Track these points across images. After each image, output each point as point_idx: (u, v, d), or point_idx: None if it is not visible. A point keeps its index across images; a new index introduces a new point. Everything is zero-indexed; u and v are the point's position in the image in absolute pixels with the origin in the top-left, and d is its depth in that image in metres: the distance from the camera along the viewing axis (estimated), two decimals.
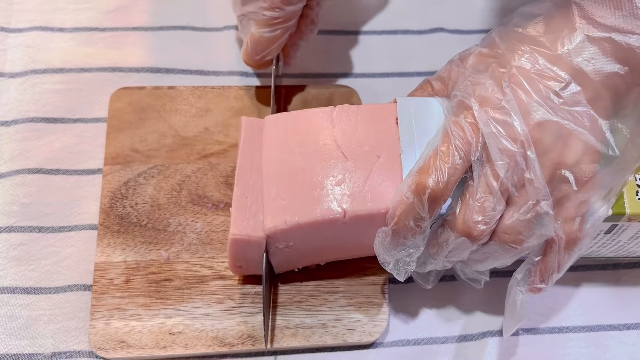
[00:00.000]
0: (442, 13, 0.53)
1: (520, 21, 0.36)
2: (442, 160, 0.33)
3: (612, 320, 0.43)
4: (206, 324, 0.40)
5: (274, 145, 0.39)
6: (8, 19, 0.50)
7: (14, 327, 0.40)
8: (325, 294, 0.42)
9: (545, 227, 0.34)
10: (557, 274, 0.36)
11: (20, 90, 0.47)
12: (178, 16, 0.52)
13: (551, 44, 0.34)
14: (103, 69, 0.49)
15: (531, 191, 0.33)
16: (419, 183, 0.33)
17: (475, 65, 0.36)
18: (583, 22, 0.34)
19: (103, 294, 0.41)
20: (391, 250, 0.35)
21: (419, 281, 0.40)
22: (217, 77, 0.50)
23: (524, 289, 0.37)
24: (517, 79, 0.34)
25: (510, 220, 0.34)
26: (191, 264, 0.42)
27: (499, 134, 0.33)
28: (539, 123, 0.33)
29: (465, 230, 0.34)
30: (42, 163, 0.45)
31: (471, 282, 0.40)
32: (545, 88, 0.33)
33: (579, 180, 0.34)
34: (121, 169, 0.44)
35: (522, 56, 0.34)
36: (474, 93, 0.34)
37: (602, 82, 0.33)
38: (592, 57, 0.33)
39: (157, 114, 0.46)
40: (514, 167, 0.33)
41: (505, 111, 0.33)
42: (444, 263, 0.37)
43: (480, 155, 0.33)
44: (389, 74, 0.51)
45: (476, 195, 0.33)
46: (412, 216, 0.34)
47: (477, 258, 0.36)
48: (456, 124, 0.34)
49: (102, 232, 0.42)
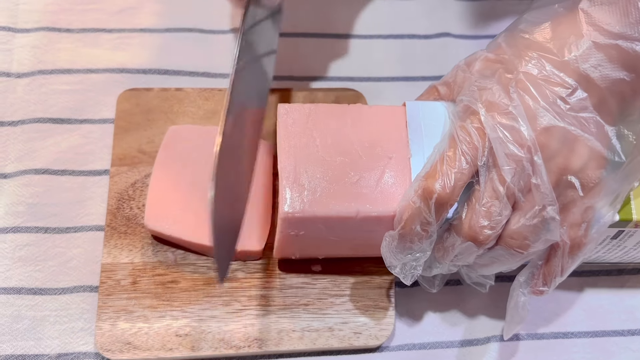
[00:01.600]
0: (448, 18, 0.54)
1: (526, 27, 0.36)
2: (449, 165, 0.33)
3: (617, 326, 0.43)
4: (213, 326, 0.40)
5: (295, 133, 0.39)
6: (15, 20, 0.50)
7: (19, 328, 0.40)
8: (332, 297, 0.42)
9: (552, 233, 0.34)
10: (560, 278, 0.36)
11: (27, 90, 0.47)
12: (185, 18, 0.52)
13: (558, 50, 0.34)
14: (110, 70, 0.49)
15: (538, 196, 0.33)
16: (425, 188, 0.34)
17: (481, 71, 0.36)
18: (590, 29, 0.34)
19: (110, 295, 0.40)
20: (398, 254, 0.35)
21: (425, 285, 0.40)
22: (224, 80, 0.50)
23: (527, 291, 0.37)
24: (524, 85, 0.34)
25: (516, 225, 0.34)
26: (198, 266, 0.42)
27: (505, 139, 0.33)
28: (545, 128, 0.33)
29: (471, 234, 0.34)
30: (49, 163, 0.45)
31: (476, 286, 0.40)
32: (552, 94, 0.34)
33: (585, 185, 0.34)
34: (128, 170, 0.44)
35: (529, 62, 0.35)
36: (481, 98, 0.35)
37: (608, 88, 0.34)
38: (599, 63, 0.33)
39: (165, 116, 0.47)
40: (521, 172, 0.33)
41: (512, 116, 0.33)
42: (450, 267, 0.37)
43: (486, 160, 0.34)
44: (395, 78, 0.51)
45: (482, 200, 0.33)
46: (418, 221, 0.34)
47: (482, 262, 0.36)
48: (463, 128, 0.34)
49: (108, 233, 0.42)
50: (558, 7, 0.36)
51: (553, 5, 0.36)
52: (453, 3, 0.55)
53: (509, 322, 0.38)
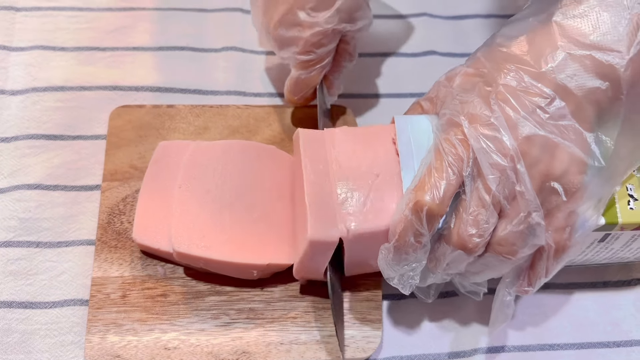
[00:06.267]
0: (435, 37, 0.55)
1: (503, 41, 0.37)
2: (437, 177, 0.34)
3: (603, 338, 0.44)
4: (201, 339, 0.40)
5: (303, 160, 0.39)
6: (10, 38, 0.51)
7: (9, 342, 0.40)
8: (320, 309, 0.42)
9: (538, 238, 0.35)
10: (544, 279, 0.37)
11: (21, 107, 0.48)
12: (177, 37, 0.53)
13: (535, 62, 0.35)
14: (103, 87, 0.50)
15: (522, 203, 0.34)
16: (416, 201, 0.34)
17: (462, 85, 0.37)
18: (564, 41, 0.35)
19: (99, 308, 0.41)
20: (395, 265, 0.36)
21: (420, 296, 0.41)
22: (215, 97, 0.51)
23: (512, 291, 0.38)
24: (503, 96, 0.35)
25: (503, 232, 0.35)
26: (187, 280, 0.42)
27: (489, 149, 0.34)
28: (526, 137, 0.34)
29: (460, 243, 0.35)
30: (41, 179, 0.46)
31: (470, 294, 0.40)
32: (531, 104, 0.35)
33: (568, 191, 0.35)
34: (119, 185, 0.45)
35: (507, 74, 0.36)
36: (463, 111, 0.36)
37: (585, 96, 0.35)
38: (575, 73, 0.35)
39: (156, 132, 0.47)
40: (505, 180, 0.34)
41: (494, 127, 0.34)
42: (443, 276, 0.38)
43: (471, 170, 0.34)
44: (382, 94, 0.52)
45: (469, 209, 0.34)
46: (412, 232, 0.35)
47: (474, 270, 0.37)
48: (447, 141, 0.35)
49: (99, 247, 0.43)
50: (533, 21, 0.37)
51: (528, 19, 0.37)
52: (439, 22, 0.56)
53: (494, 320, 0.39)
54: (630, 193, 0.39)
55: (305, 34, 0.43)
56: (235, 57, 0.52)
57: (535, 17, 0.37)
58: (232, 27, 0.54)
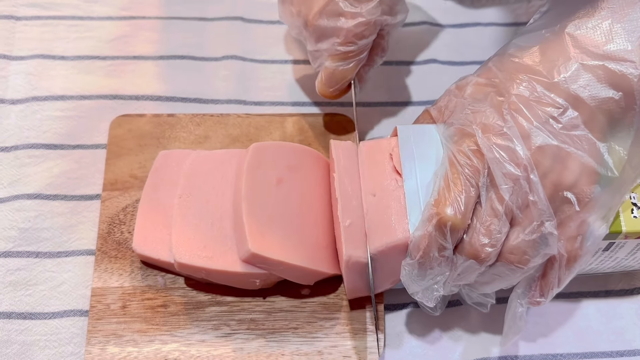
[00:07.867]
0: (435, 45, 0.55)
1: (515, 51, 0.37)
2: (457, 190, 0.34)
3: (606, 347, 0.43)
4: (202, 350, 0.40)
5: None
6: (10, 47, 0.51)
7: (9, 353, 0.40)
8: (321, 320, 0.42)
9: (550, 247, 0.35)
10: (557, 289, 0.37)
11: (20, 116, 0.48)
12: (178, 45, 0.53)
13: (548, 72, 0.35)
14: (103, 96, 0.50)
15: (535, 212, 0.34)
16: (440, 217, 0.34)
17: (473, 94, 0.37)
18: (577, 52, 0.35)
19: (99, 319, 0.41)
20: (419, 281, 0.36)
21: (428, 309, 0.41)
22: (215, 105, 0.51)
23: (524, 302, 0.38)
24: (516, 106, 0.35)
25: (515, 240, 0.35)
26: (187, 290, 0.42)
27: (502, 159, 0.34)
28: (539, 147, 0.34)
29: (473, 253, 0.35)
30: (41, 188, 0.45)
31: (477, 306, 0.40)
32: (544, 114, 0.35)
33: (581, 200, 0.35)
34: (119, 195, 0.45)
35: (520, 84, 0.36)
36: (475, 121, 0.36)
37: (597, 107, 0.35)
38: (587, 83, 0.35)
39: (157, 141, 0.47)
40: (518, 190, 0.34)
41: (507, 137, 0.35)
42: (451, 287, 0.38)
43: (485, 181, 0.34)
44: (382, 103, 0.52)
45: (482, 219, 0.34)
46: (436, 248, 0.35)
47: (484, 280, 0.37)
48: (461, 152, 0.35)
49: (99, 257, 0.43)
50: (545, 32, 0.37)
51: (540, 31, 0.37)
52: (440, 30, 0.56)
53: (506, 332, 0.39)
54: (634, 202, 0.38)
55: (347, 24, 0.42)
56: (235, 66, 0.52)
57: (547, 28, 0.37)
58: (232, 36, 0.54)
